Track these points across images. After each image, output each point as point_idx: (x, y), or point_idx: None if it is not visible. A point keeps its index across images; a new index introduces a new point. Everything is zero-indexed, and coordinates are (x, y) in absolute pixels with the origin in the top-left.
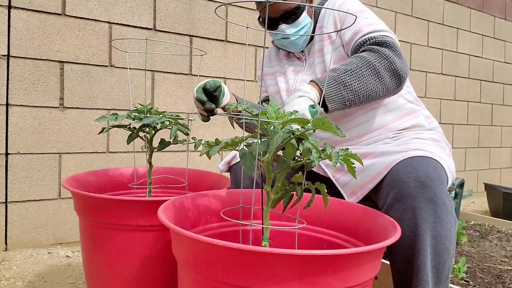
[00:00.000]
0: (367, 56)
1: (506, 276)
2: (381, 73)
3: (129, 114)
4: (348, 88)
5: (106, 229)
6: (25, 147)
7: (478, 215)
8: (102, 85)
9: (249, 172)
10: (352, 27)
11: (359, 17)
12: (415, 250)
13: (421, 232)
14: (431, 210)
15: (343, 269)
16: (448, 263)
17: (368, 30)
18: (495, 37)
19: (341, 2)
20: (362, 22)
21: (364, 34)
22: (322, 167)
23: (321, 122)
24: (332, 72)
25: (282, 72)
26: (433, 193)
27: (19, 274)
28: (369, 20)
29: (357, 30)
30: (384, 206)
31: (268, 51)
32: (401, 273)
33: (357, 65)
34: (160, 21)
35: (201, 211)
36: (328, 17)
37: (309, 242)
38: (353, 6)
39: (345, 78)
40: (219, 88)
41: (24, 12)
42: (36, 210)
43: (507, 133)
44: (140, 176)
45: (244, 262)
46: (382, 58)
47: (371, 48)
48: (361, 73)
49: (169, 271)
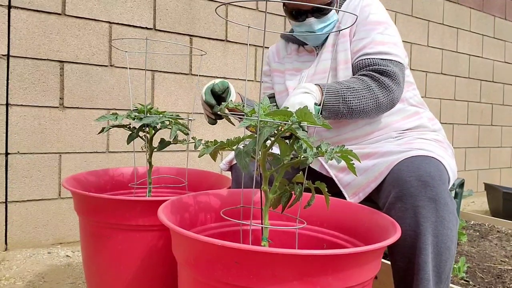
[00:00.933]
0: (369, 82)
1: (506, 276)
2: (380, 100)
3: (129, 114)
4: (346, 103)
5: (106, 229)
6: (25, 147)
7: (478, 215)
8: (102, 85)
9: (244, 170)
10: (364, 37)
11: (375, 29)
12: (416, 249)
13: (422, 231)
14: (433, 209)
15: (343, 269)
16: (449, 262)
17: (377, 50)
18: (495, 37)
19: (365, 5)
20: (377, 38)
21: (371, 54)
22: (325, 167)
23: (303, 113)
24: (336, 84)
25: (293, 70)
26: (435, 192)
27: (19, 274)
28: (383, 37)
29: (367, 44)
30: (386, 205)
31: (275, 45)
32: (401, 272)
33: (359, 86)
34: (160, 21)
35: (201, 211)
36: (347, 15)
37: (309, 242)
38: (374, 13)
39: (347, 94)
40: (227, 90)
41: (24, 12)
42: (36, 210)
43: (507, 133)
44: (140, 176)
45: (244, 262)
46: (383, 88)
47: (374, 76)
48: (362, 94)
49: (169, 271)
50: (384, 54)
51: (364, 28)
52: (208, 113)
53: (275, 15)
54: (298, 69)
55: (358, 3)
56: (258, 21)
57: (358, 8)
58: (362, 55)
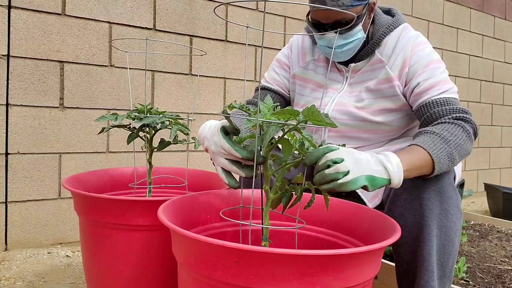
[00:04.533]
0: (464, 136)
1: (506, 276)
2: (469, 152)
3: (129, 114)
4: (453, 163)
5: (106, 229)
6: (25, 147)
7: (478, 215)
8: (102, 85)
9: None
10: (427, 77)
11: (437, 68)
12: (421, 240)
13: (427, 222)
14: (438, 202)
15: (343, 269)
16: (453, 256)
17: (450, 88)
18: (495, 37)
19: (416, 45)
20: (442, 77)
21: (447, 91)
22: None
23: (311, 112)
24: (444, 144)
25: (318, 85)
26: (440, 185)
27: (19, 274)
28: (446, 76)
29: (435, 83)
30: (390, 195)
31: (300, 41)
32: (405, 265)
33: (463, 141)
34: (160, 21)
35: (201, 211)
36: (397, 54)
37: (309, 242)
38: (432, 54)
39: (455, 153)
40: None
41: (24, 12)
42: (36, 210)
43: (507, 133)
44: (140, 176)
45: (244, 262)
46: (470, 140)
47: (465, 128)
48: (464, 148)
49: (169, 271)
50: (453, 93)
51: (427, 69)
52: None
53: (274, 15)
54: (323, 86)
55: (407, 42)
56: (258, 21)
57: (408, 48)
58: (436, 95)
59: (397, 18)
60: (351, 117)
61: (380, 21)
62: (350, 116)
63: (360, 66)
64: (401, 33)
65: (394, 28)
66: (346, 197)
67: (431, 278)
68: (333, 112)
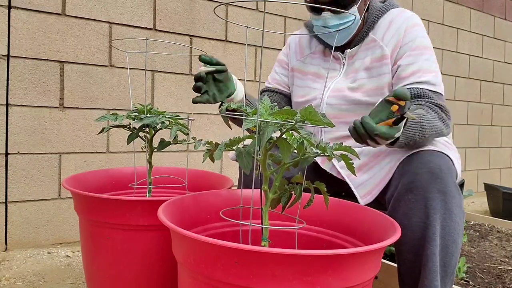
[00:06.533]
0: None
1: (506, 276)
2: (443, 133)
3: (129, 114)
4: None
5: (106, 229)
6: (25, 147)
7: (478, 215)
8: (102, 85)
9: (245, 170)
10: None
11: (422, 54)
12: (425, 240)
13: (432, 222)
14: (442, 202)
15: (343, 269)
16: (455, 256)
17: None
18: (495, 37)
19: (412, 24)
20: (424, 65)
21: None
22: (336, 168)
23: (308, 112)
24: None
25: (316, 76)
26: (444, 184)
27: (19, 274)
28: (430, 64)
29: (416, 71)
30: (394, 195)
31: (298, 38)
32: (408, 264)
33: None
34: (160, 21)
35: (201, 211)
36: (391, 35)
37: (309, 242)
38: (423, 36)
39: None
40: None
41: (24, 12)
42: (36, 210)
43: (507, 133)
44: (140, 176)
45: (244, 262)
46: (444, 122)
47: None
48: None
49: (169, 271)
50: (432, 85)
51: (413, 53)
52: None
53: (274, 15)
54: (321, 76)
55: (402, 22)
56: (258, 21)
57: (403, 28)
58: (415, 82)
59: (389, 2)
60: (345, 101)
61: (374, 6)
62: (344, 100)
63: (355, 50)
64: (398, 14)
65: (386, 11)
66: (345, 197)
67: (435, 278)
68: (329, 98)
